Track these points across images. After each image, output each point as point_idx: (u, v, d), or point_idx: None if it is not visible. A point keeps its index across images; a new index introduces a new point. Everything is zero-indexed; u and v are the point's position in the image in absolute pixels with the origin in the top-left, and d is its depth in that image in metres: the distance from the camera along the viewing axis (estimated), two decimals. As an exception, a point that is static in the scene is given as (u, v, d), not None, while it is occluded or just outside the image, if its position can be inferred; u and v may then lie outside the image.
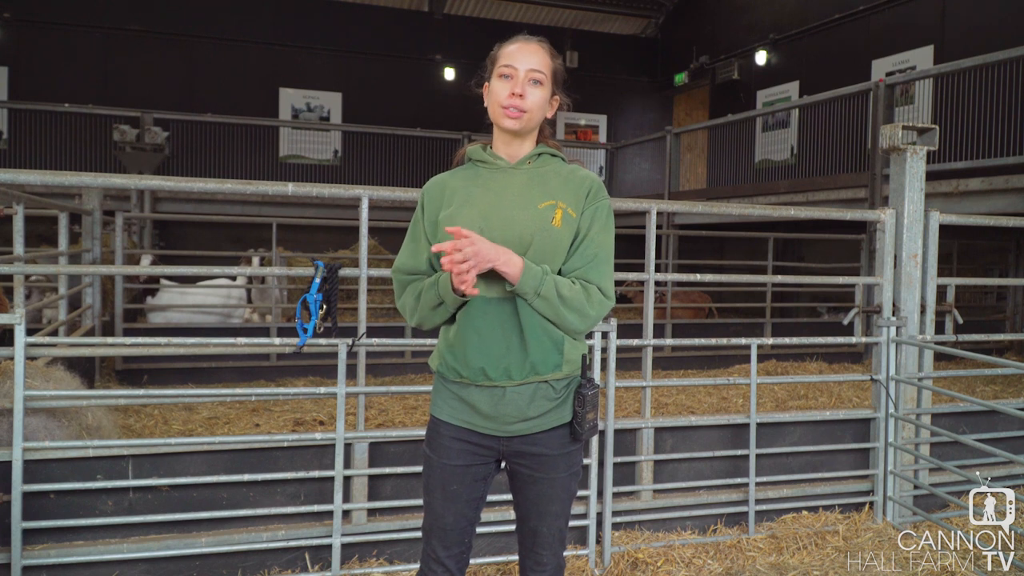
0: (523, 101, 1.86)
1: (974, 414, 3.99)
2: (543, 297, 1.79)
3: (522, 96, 1.85)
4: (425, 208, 1.96)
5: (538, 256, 1.83)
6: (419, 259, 1.95)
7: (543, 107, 1.92)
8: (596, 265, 1.87)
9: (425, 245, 1.94)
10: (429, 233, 1.93)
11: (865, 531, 3.52)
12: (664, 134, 11.66)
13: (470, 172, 1.97)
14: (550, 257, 1.84)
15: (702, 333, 8.53)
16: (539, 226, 1.84)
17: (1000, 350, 8.73)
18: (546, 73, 1.89)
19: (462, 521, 1.94)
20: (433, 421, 1.97)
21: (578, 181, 1.92)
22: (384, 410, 5.90)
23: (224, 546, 2.91)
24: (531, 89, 1.87)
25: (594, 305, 1.84)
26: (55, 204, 5.48)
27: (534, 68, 1.87)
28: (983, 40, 8.68)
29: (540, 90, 1.89)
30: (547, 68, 1.90)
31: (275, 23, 13.90)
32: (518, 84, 1.86)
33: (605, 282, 1.87)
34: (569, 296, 1.81)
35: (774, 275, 9.55)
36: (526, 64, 1.87)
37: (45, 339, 3.02)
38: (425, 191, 1.98)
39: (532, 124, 1.91)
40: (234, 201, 10.66)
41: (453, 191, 1.93)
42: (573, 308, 1.82)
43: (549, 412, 1.88)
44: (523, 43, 1.90)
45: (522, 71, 1.86)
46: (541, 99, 1.89)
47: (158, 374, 6.68)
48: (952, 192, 6.77)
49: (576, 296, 1.82)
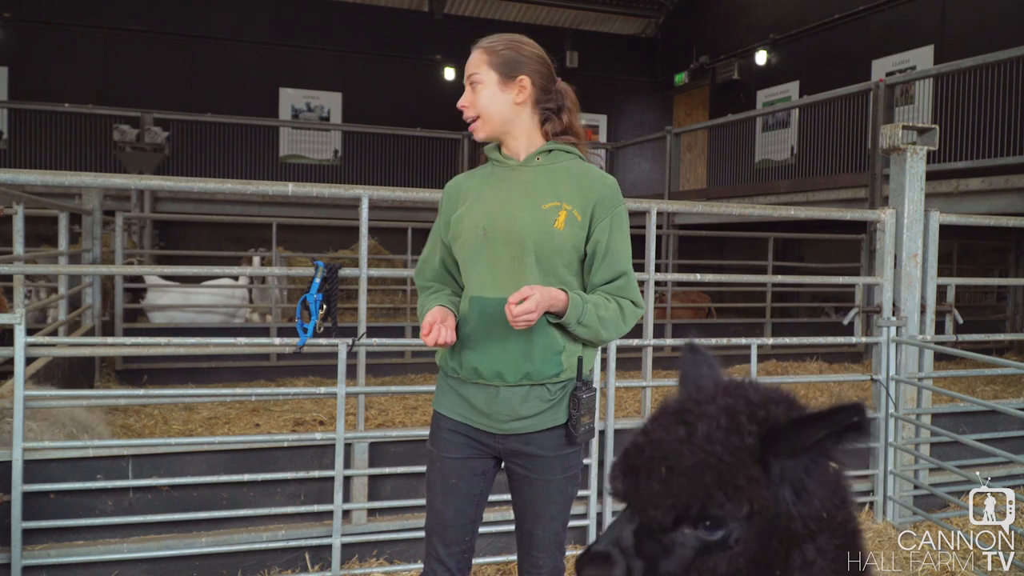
0: (469, 109, 1.91)
1: (974, 414, 3.98)
2: (584, 325, 1.82)
3: (465, 105, 1.91)
4: (443, 209, 2.01)
5: (538, 258, 1.83)
6: (434, 261, 2.02)
7: (496, 99, 1.89)
8: (627, 280, 1.90)
9: (441, 247, 2.00)
10: (443, 233, 1.98)
11: (865, 531, 3.51)
12: (664, 134, 11.66)
13: (487, 171, 1.99)
14: (551, 259, 1.84)
15: (702, 333, 8.51)
16: (540, 228, 1.83)
17: (1000, 350, 8.72)
18: (480, 69, 1.90)
19: (461, 518, 1.94)
20: (435, 415, 1.99)
21: (589, 183, 1.90)
22: (384, 410, 5.90)
23: (224, 546, 2.91)
24: (476, 92, 1.90)
25: (628, 319, 1.89)
26: (55, 204, 5.48)
27: (470, 73, 1.91)
28: (983, 40, 8.66)
29: (483, 87, 1.89)
30: (481, 64, 1.90)
31: (275, 23, 13.89)
32: (463, 96, 1.92)
33: (636, 294, 1.91)
34: (607, 316, 1.84)
35: (774, 275, 9.54)
36: (467, 75, 1.93)
37: (45, 339, 3.02)
38: (444, 191, 2.03)
39: (498, 122, 1.91)
40: (234, 201, 10.65)
41: (467, 191, 1.97)
42: (611, 327, 1.86)
43: (543, 413, 1.87)
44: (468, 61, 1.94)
45: (466, 83, 1.93)
46: (488, 94, 1.89)
47: (158, 374, 6.67)
48: (952, 192, 6.76)
49: (613, 315, 1.85)
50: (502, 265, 1.84)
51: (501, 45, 1.91)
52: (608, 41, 16.33)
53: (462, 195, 1.97)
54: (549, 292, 1.75)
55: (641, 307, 1.91)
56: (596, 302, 1.83)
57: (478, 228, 1.86)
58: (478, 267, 1.87)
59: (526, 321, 1.70)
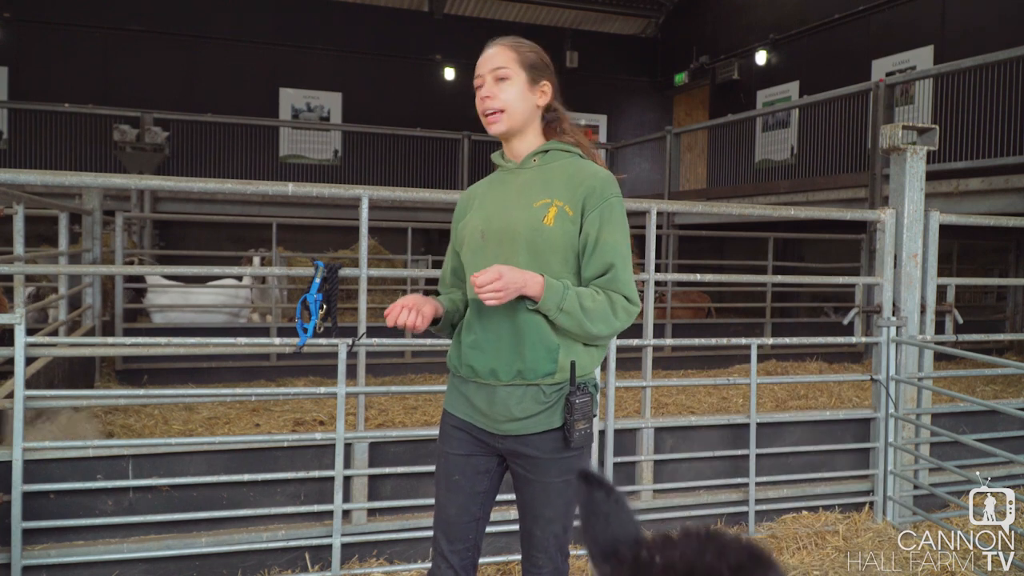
0: (493, 100, 1.89)
1: (974, 414, 3.99)
2: (566, 312, 1.80)
3: (490, 97, 1.89)
4: (455, 218, 2.08)
5: (531, 255, 1.84)
6: (447, 268, 2.11)
7: (522, 98, 1.91)
8: (616, 273, 1.84)
9: (452, 255, 2.07)
10: (455, 241, 2.05)
11: (865, 531, 3.52)
12: (664, 134, 11.65)
13: (495, 177, 2.04)
14: (543, 255, 1.84)
15: (702, 333, 8.53)
16: (530, 225, 1.84)
17: (1000, 350, 8.72)
18: (511, 66, 1.90)
19: (464, 515, 1.94)
20: (443, 414, 2.03)
21: (580, 180, 1.90)
22: (384, 410, 5.90)
23: (224, 546, 2.91)
24: (500, 86, 1.89)
25: (619, 314, 1.83)
26: (55, 204, 5.48)
27: (496, 66, 1.90)
28: (983, 40, 8.67)
29: (510, 84, 1.89)
30: (511, 61, 1.90)
31: (275, 23, 13.89)
32: (485, 88, 1.91)
33: (628, 288, 1.85)
34: (592, 308, 1.80)
35: (774, 275, 9.54)
36: (489, 66, 1.91)
37: (45, 339, 3.02)
38: (459, 200, 2.11)
39: (518, 120, 1.91)
40: (234, 201, 10.65)
41: (475, 197, 2.03)
42: (597, 319, 1.81)
43: (537, 415, 1.86)
44: (486, 50, 1.94)
45: (487, 75, 1.91)
46: (515, 91, 1.90)
47: (158, 374, 6.67)
48: (952, 192, 6.76)
49: (600, 307, 1.81)
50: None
51: (527, 48, 1.94)
52: (608, 41, 16.33)
53: (471, 202, 2.03)
54: (522, 273, 1.76)
55: (636, 304, 1.86)
56: (582, 292, 1.81)
57: (477, 231, 1.92)
58: (475, 268, 1.88)
59: (493, 294, 1.70)
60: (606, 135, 15.99)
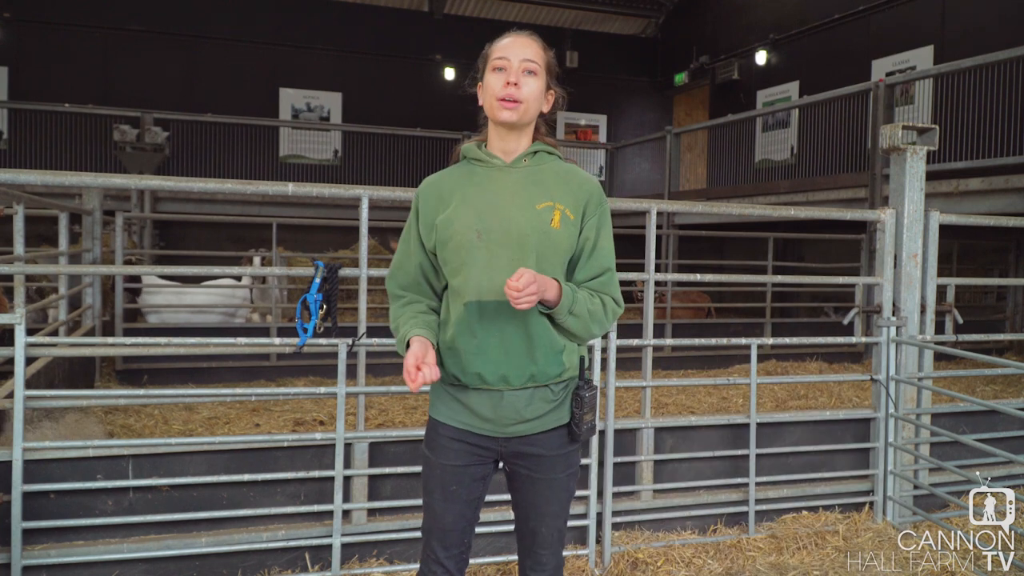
0: (518, 91, 1.84)
1: (974, 414, 3.99)
2: (575, 315, 1.82)
3: (517, 85, 1.84)
4: (420, 212, 1.93)
5: (538, 258, 1.83)
6: (409, 266, 1.95)
7: (539, 98, 1.90)
8: (610, 277, 1.92)
9: (417, 251, 1.93)
10: (424, 237, 1.91)
11: (865, 531, 3.52)
12: (664, 134, 11.66)
13: (465, 170, 1.94)
14: (549, 259, 1.84)
15: (702, 333, 8.53)
16: (538, 228, 1.83)
17: (1000, 350, 8.72)
18: (540, 64, 1.89)
19: (461, 522, 1.94)
20: (432, 422, 1.97)
21: (578, 184, 1.92)
22: (384, 410, 5.90)
23: (224, 546, 2.91)
24: (526, 79, 1.86)
25: (609, 316, 1.90)
26: (55, 204, 5.48)
27: (528, 58, 1.86)
28: (983, 40, 8.67)
29: (535, 80, 1.88)
30: (541, 59, 1.90)
31: (275, 23, 13.89)
32: (512, 74, 1.85)
33: (617, 291, 1.94)
34: (594, 311, 1.86)
35: (774, 275, 9.54)
36: (519, 55, 1.86)
37: (45, 339, 3.02)
38: (419, 194, 1.95)
39: (529, 116, 1.89)
40: (234, 201, 10.65)
41: (450, 192, 1.91)
42: (596, 322, 1.87)
43: (547, 414, 1.89)
44: (515, 36, 1.90)
45: (515, 61, 1.85)
46: (537, 89, 1.88)
47: (158, 374, 6.67)
48: (952, 192, 6.76)
49: (597, 310, 1.87)
50: (500, 267, 1.81)
51: (551, 54, 1.96)
52: (608, 41, 16.33)
53: (443, 197, 1.91)
54: (543, 278, 1.75)
55: (621, 306, 1.93)
56: (583, 296, 1.85)
57: (470, 230, 1.83)
58: (474, 270, 1.83)
59: (528, 300, 1.67)
60: (606, 135, 16.00)
